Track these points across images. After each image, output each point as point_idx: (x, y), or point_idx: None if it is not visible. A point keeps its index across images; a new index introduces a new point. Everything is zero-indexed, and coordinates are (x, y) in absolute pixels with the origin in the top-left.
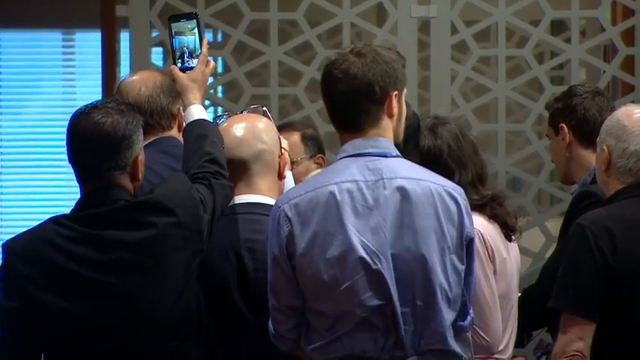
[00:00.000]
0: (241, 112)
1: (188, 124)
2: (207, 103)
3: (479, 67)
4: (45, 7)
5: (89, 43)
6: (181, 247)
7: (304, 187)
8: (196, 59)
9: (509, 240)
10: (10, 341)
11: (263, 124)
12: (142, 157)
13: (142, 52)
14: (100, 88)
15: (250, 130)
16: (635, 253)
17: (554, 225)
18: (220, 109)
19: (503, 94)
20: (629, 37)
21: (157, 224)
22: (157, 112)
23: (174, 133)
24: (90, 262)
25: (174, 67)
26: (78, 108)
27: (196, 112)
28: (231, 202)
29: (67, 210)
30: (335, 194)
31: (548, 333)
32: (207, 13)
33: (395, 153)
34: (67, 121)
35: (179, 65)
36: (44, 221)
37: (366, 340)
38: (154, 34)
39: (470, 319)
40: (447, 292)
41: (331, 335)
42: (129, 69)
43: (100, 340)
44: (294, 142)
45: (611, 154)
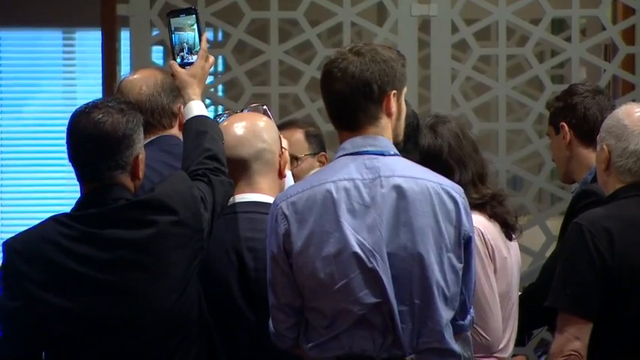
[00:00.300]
0: (242, 111)
1: (187, 120)
2: (207, 102)
3: (479, 66)
4: (45, 6)
5: (89, 41)
6: (182, 246)
7: (302, 185)
8: (196, 55)
9: (509, 239)
10: (11, 340)
11: (263, 122)
12: (142, 156)
13: (142, 50)
14: (101, 86)
15: (251, 129)
16: (633, 252)
17: (554, 224)
18: (221, 107)
19: (503, 92)
20: (629, 35)
21: (158, 223)
22: (158, 111)
23: (174, 131)
24: (91, 261)
25: (173, 62)
26: (78, 107)
27: (196, 108)
28: (232, 201)
29: (67, 209)
30: (332, 192)
31: (548, 332)
32: (208, 11)
33: (393, 151)
34: (67, 120)
35: (178, 61)
36: (45, 220)
37: (364, 339)
38: (154, 32)
39: (470, 318)
40: (445, 291)
41: (329, 333)
42: (129, 68)
43: (101, 339)
44: (297, 139)
45: (611, 153)
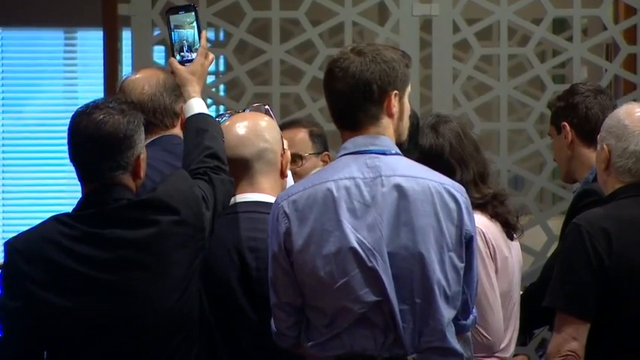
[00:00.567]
0: (243, 111)
1: (188, 118)
2: (209, 101)
3: (481, 66)
4: (47, 6)
5: (91, 41)
6: (184, 245)
7: (303, 183)
8: (195, 53)
9: (510, 238)
10: (12, 340)
11: (265, 122)
12: (143, 156)
13: (143, 50)
14: (102, 86)
15: (252, 129)
16: (631, 253)
17: (555, 223)
18: (222, 107)
19: (505, 92)
20: (631, 35)
21: (159, 222)
22: (160, 111)
23: (176, 131)
24: (92, 261)
25: (173, 59)
26: (79, 107)
27: (196, 105)
28: (234, 201)
29: (68, 208)
30: (332, 191)
31: (550, 332)
32: (210, 11)
33: (395, 151)
34: (68, 120)
35: (178, 58)
36: (46, 220)
37: (366, 338)
38: (155, 32)
39: (472, 317)
40: (446, 290)
41: (330, 332)
42: (131, 67)
43: (103, 339)
44: (302, 138)
45: (611, 153)
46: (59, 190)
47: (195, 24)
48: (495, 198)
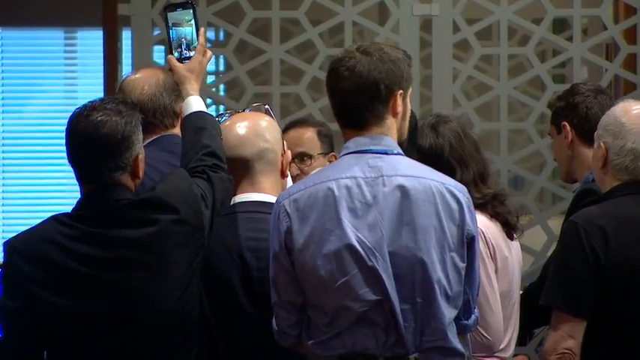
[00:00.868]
0: (244, 111)
1: (186, 116)
2: (209, 101)
3: (481, 66)
4: (47, 6)
5: (91, 41)
6: (184, 244)
7: (305, 182)
8: (194, 50)
9: (510, 238)
10: (12, 340)
11: (266, 122)
12: (142, 156)
13: (143, 50)
14: (102, 86)
15: (253, 129)
16: (628, 251)
17: (555, 223)
18: (222, 107)
19: (505, 92)
20: (631, 35)
21: (159, 221)
22: (160, 111)
23: (176, 131)
24: (92, 261)
25: (171, 57)
26: (77, 108)
27: (195, 103)
28: (234, 201)
29: (68, 208)
30: (333, 190)
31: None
32: (209, 11)
33: (397, 151)
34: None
35: (176, 56)
36: (45, 220)
37: (367, 337)
38: (155, 32)
39: (474, 317)
40: (447, 290)
41: (331, 331)
42: (131, 67)
43: (103, 338)
44: (310, 137)
45: (608, 151)
46: (59, 190)
47: (194, 22)
48: (495, 198)
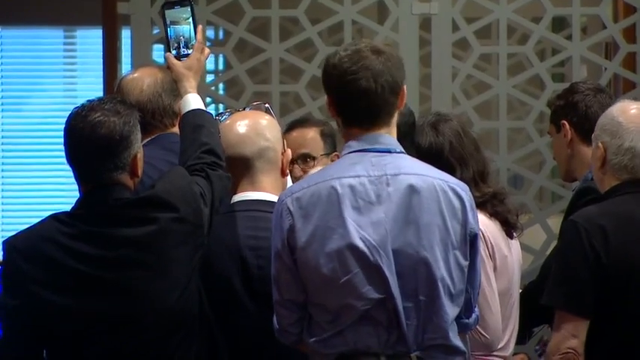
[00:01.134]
0: (244, 110)
1: (184, 114)
2: (208, 100)
3: (480, 65)
4: (46, 4)
5: (90, 40)
6: (183, 242)
7: (307, 181)
8: (192, 48)
9: (510, 237)
10: (12, 339)
11: (266, 121)
12: (140, 155)
13: (143, 49)
14: (102, 85)
15: (253, 128)
16: (629, 250)
17: (555, 222)
18: (222, 106)
19: (504, 91)
20: (630, 34)
21: (158, 220)
22: (160, 112)
23: (175, 129)
24: (91, 259)
25: (169, 54)
26: (75, 107)
27: (192, 101)
28: (235, 200)
29: (68, 208)
30: (336, 189)
31: (549, 329)
32: (209, 10)
33: (399, 149)
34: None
35: (174, 53)
36: (44, 219)
37: (369, 335)
38: (155, 31)
39: (475, 316)
40: (450, 288)
41: (333, 329)
42: (130, 66)
43: (102, 337)
44: (313, 138)
45: (606, 150)
46: (59, 189)
47: (191, 19)
48: (495, 197)
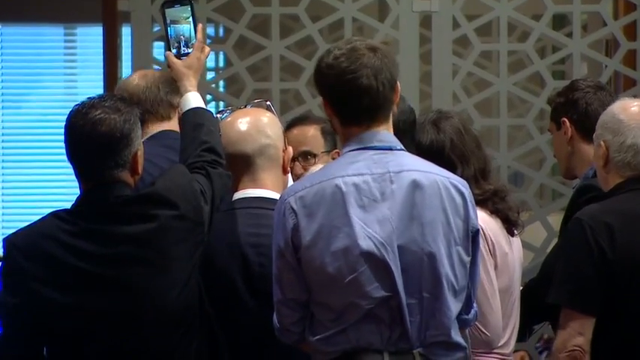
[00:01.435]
0: (245, 107)
1: (185, 112)
2: (208, 97)
3: (480, 62)
4: (46, 2)
5: (91, 37)
6: (183, 240)
7: (310, 179)
8: (192, 47)
9: (511, 234)
10: (13, 336)
11: (267, 118)
12: (140, 152)
13: (143, 46)
14: (102, 82)
15: (254, 125)
16: (634, 247)
17: (555, 219)
18: (222, 103)
19: (504, 88)
20: (631, 31)
21: (159, 217)
22: (157, 101)
23: (174, 125)
24: (92, 257)
25: (169, 53)
26: (75, 105)
27: (193, 99)
28: (236, 197)
29: (68, 205)
30: (341, 187)
31: (550, 326)
32: (209, 7)
33: (400, 147)
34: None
35: (174, 52)
36: (44, 216)
37: (372, 333)
38: (155, 28)
39: (474, 312)
40: (454, 284)
41: (336, 327)
42: (130, 63)
43: (103, 334)
44: (314, 135)
45: (609, 148)
46: (59, 187)
47: (192, 19)
48: (496, 194)
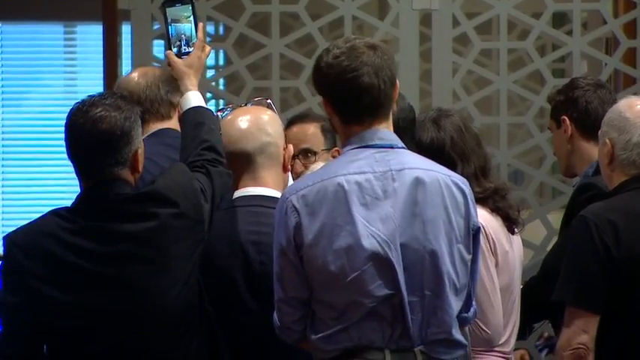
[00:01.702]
0: (245, 105)
1: (185, 111)
2: (208, 95)
3: (480, 60)
4: (46, 0)
5: (91, 35)
6: (184, 238)
7: (312, 178)
8: (193, 46)
9: (512, 233)
10: (13, 335)
11: (267, 116)
12: (141, 150)
13: (143, 44)
14: (102, 80)
15: (255, 123)
16: (638, 245)
17: (555, 218)
18: (222, 101)
19: (504, 86)
20: (630, 29)
21: (159, 215)
22: (157, 101)
23: (174, 123)
24: (92, 255)
25: (170, 52)
26: (76, 103)
27: (193, 98)
28: (236, 195)
29: (69, 203)
30: (343, 186)
31: (549, 324)
32: (209, 5)
33: (401, 145)
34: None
35: (175, 51)
36: (45, 214)
37: (373, 331)
38: (155, 26)
39: (473, 310)
40: (455, 282)
41: (338, 325)
42: (130, 61)
43: (103, 332)
44: (314, 133)
45: (614, 146)
46: (59, 184)
47: (192, 17)
48: (497, 192)
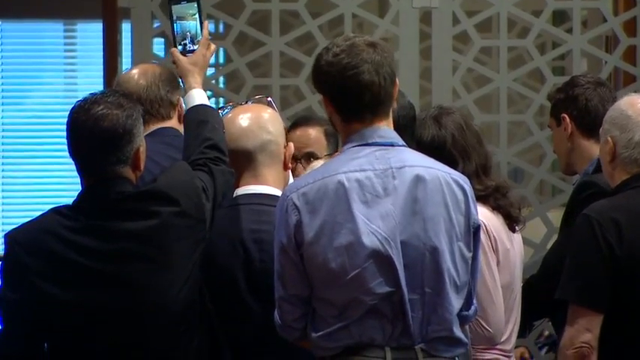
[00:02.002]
0: (246, 103)
1: (188, 109)
2: (208, 93)
3: (480, 58)
4: None
5: (91, 33)
6: (185, 237)
7: (312, 176)
8: (198, 44)
9: (512, 231)
10: (13, 332)
11: (268, 114)
12: (142, 148)
13: (143, 42)
14: (102, 79)
15: (256, 121)
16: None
17: (555, 215)
18: (222, 99)
19: (504, 84)
20: (631, 27)
21: (160, 214)
22: (157, 101)
23: (174, 122)
24: (93, 253)
25: (174, 49)
26: (77, 100)
27: (197, 96)
28: (237, 193)
29: (69, 200)
30: (344, 183)
31: (549, 322)
32: (209, 3)
33: (401, 142)
34: (68, 112)
35: (180, 49)
36: (46, 212)
37: (374, 328)
38: (155, 24)
39: (474, 308)
40: (455, 280)
41: (338, 323)
42: (130, 59)
43: (104, 330)
44: (317, 138)
45: (616, 144)
46: (59, 182)
47: (198, 15)
48: (498, 190)
